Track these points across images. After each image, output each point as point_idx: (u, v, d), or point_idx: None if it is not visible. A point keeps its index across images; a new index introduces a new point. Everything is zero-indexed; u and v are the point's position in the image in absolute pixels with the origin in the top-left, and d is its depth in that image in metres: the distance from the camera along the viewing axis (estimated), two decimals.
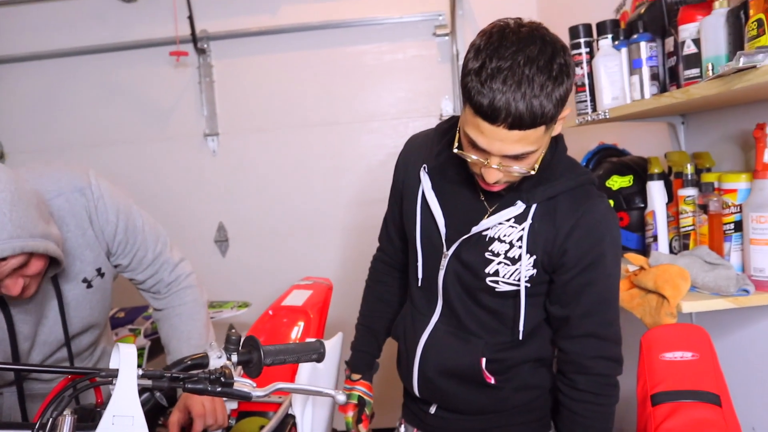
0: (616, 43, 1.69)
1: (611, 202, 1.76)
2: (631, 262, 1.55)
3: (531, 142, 1.12)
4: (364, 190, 3.23)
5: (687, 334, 1.32)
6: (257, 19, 3.23)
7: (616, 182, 1.78)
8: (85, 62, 3.31)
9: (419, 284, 1.44)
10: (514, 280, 1.30)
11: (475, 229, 1.31)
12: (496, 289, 1.32)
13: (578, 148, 2.48)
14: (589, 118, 1.76)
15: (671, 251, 1.62)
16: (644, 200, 1.70)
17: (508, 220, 1.29)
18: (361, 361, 1.60)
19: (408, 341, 1.47)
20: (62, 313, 1.46)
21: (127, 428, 0.98)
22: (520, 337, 1.34)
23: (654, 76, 1.57)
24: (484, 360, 1.35)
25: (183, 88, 3.31)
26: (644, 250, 1.71)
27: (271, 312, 1.95)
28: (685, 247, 1.57)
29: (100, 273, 1.51)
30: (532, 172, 1.18)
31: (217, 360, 1.14)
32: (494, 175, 1.18)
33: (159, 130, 3.34)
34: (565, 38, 1.81)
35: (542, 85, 1.07)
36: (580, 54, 1.80)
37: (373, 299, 1.63)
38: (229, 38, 3.24)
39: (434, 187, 1.37)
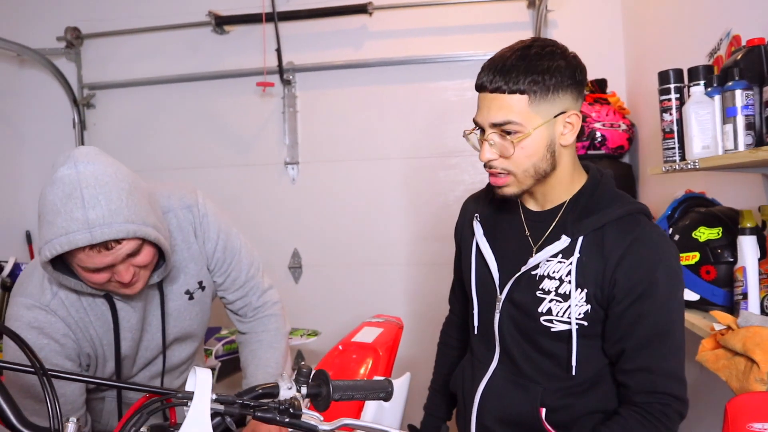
0: (709, 89, 1.63)
1: (697, 254, 1.68)
2: (718, 321, 1.47)
3: (512, 112, 1.20)
4: (439, 225, 3.21)
5: None
6: (342, 52, 3.31)
7: (704, 234, 1.70)
8: (177, 90, 3.49)
9: (476, 332, 1.43)
10: (567, 317, 1.26)
11: (524, 268, 1.30)
12: (552, 329, 1.28)
13: (664, 196, 2.39)
14: (677, 167, 1.70)
15: (763, 311, 1.52)
16: (733, 254, 1.61)
17: (555, 256, 1.28)
18: (430, 423, 1.60)
19: (466, 391, 1.45)
20: (163, 319, 1.53)
21: None
22: (576, 378, 1.29)
23: (749, 126, 1.49)
24: (544, 410, 1.31)
25: (267, 117, 3.42)
26: (731, 307, 1.61)
27: (341, 347, 1.96)
28: None
29: (201, 286, 1.59)
30: (498, 160, 1.25)
31: (287, 391, 1.14)
32: (487, 152, 1.25)
33: (242, 156, 3.46)
34: (655, 83, 1.77)
35: (526, 58, 1.20)
36: (669, 100, 1.74)
37: (443, 362, 1.64)
38: (313, 70, 3.34)
39: (486, 234, 1.40)
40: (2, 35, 3.23)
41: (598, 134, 2.82)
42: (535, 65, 1.19)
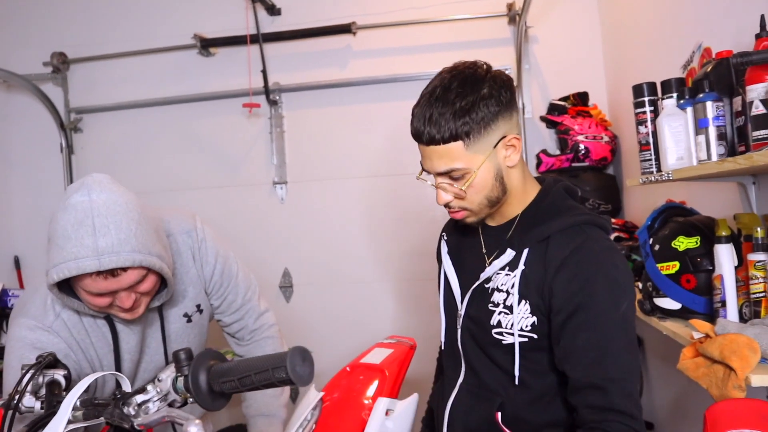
0: (681, 102, 1.66)
1: (677, 264, 1.70)
2: (697, 329, 1.48)
3: (452, 159, 1.21)
4: (428, 241, 3.21)
5: (756, 411, 1.24)
6: (327, 72, 3.35)
7: (683, 243, 1.72)
8: (165, 112, 3.51)
9: (443, 348, 1.46)
10: (514, 330, 1.27)
11: (476, 283, 1.32)
12: (503, 342, 1.29)
13: (647, 205, 2.42)
14: (653, 179, 1.72)
15: (741, 318, 1.54)
16: (712, 263, 1.63)
17: (503, 269, 1.30)
18: None
19: (439, 406, 1.47)
20: (164, 341, 1.56)
21: None
22: (527, 390, 1.29)
23: (721, 136, 1.52)
24: (499, 414, 1.31)
25: (255, 137, 3.45)
26: (712, 314, 1.63)
27: (348, 368, 1.95)
28: (756, 314, 1.49)
29: (199, 309, 1.62)
30: (454, 201, 1.27)
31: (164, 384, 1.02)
32: (441, 197, 1.28)
33: (231, 177, 3.48)
34: (631, 96, 1.80)
35: (450, 102, 1.19)
36: (644, 112, 1.77)
37: (437, 383, 1.64)
38: (299, 90, 3.37)
39: (450, 252, 1.43)
40: None
41: (582, 146, 2.85)
42: (461, 108, 1.19)
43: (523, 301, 1.26)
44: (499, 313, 1.29)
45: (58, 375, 1.16)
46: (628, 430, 1.16)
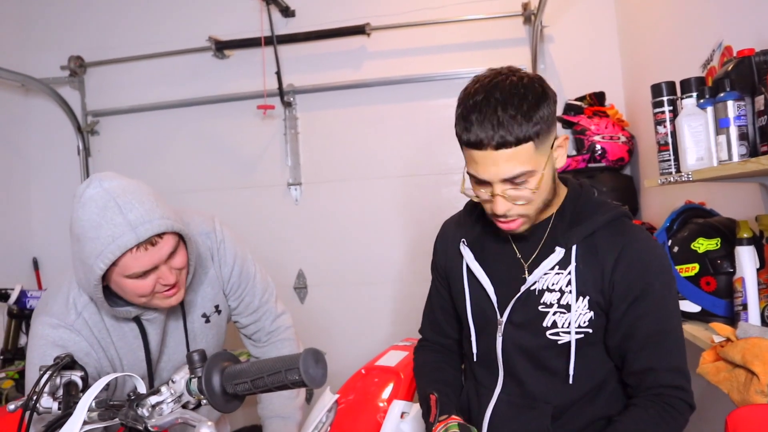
0: (701, 101, 1.63)
1: (696, 266, 1.68)
2: (717, 332, 1.46)
3: (523, 162, 1.16)
4: None
5: None
6: (341, 73, 3.34)
7: (702, 245, 1.70)
8: (180, 114, 3.53)
9: (475, 359, 1.41)
10: (571, 328, 1.27)
11: (524, 287, 1.30)
12: (559, 342, 1.28)
13: (665, 207, 2.39)
14: (672, 179, 1.70)
15: (763, 322, 1.51)
16: (733, 265, 1.60)
17: (552, 269, 1.29)
18: (444, 406, 1.38)
19: (473, 418, 1.42)
20: (187, 339, 1.58)
21: None
22: (579, 387, 1.29)
23: (742, 136, 1.49)
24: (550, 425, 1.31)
25: (269, 139, 3.45)
26: (732, 318, 1.61)
27: (363, 371, 1.95)
28: None
29: (217, 310, 1.64)
30: (534, 193, 1.20)
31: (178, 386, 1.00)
32: (501, 205, 1.21)
33: (246, 178, 3.48)
34: (649, 96, 1.78)
35: (515, 105, 1.15)
36: (662, 112, 1.74)
37: (429, 369, 1.51)
38: (314, 92, 3.36)
39: (477, 258, 1.38)
40: (7, 66, 3.27)
41: (598, 147, 2.82)
42: (529, 107, 1.15)
43: (581, 298, 1.26)
44: (554, 313, 1.28)
45: (75, 376, 1.17)
46: (683, 403, 1.23)
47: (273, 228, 3.43)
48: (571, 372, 1.28)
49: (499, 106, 1.15)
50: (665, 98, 1.74)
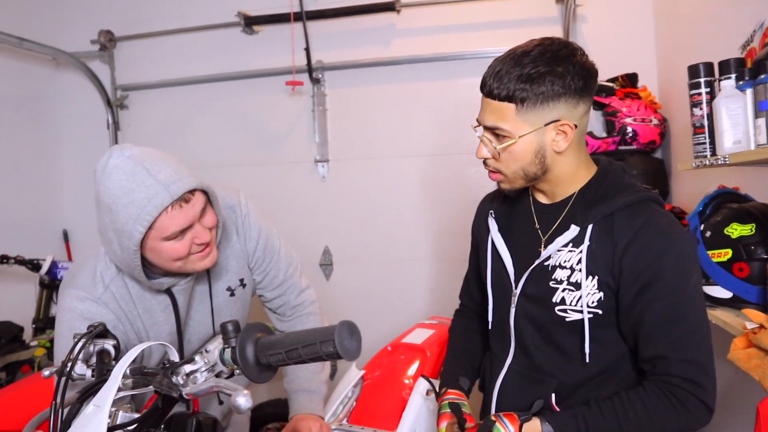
0: (740, 83, 1.59)
1: (729, 251, 1.65)
2: (750, 319, 1.44)
3: (502, 118, 1.23)
4: (470, 222, 3.20)
5: None
6: (370, 50, 3.32)
7: (736, 230, 1.67)
8: (208, 90, 3.54)
9: (491, 328, 1.45)
10: (581, 306, 1.27)
11: (537, 260, 1.31)
12: (567, 319, 1.29)
13: (696, 191, 2.35)
14: (708, 162, 1.66)
15: None
16: (767, 251, 1.58)
17: (566, 246, 1.29)
18: (447, 378, 1.54)
19: (486, 387, 1.48)
20: (212, 310, 1.60)
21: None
22: (590, 368, 1.29)
23: None
24: (553, 396, 1.31)
25: (297, 115, 3.45)
26: (765, 305, 1.58)
27: (390, 348, 1.96)
28: None
29: (242, 283, 1.65)
30: (491, 160, 1.29)
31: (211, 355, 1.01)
32: (479, 149, 1.30)
33: (273, 155, 3.50)
34: (684, 76, 1.74)
35: (521, 65, 1.20)
36: (699, 94, 1.71)
37: (456, 334, 1.66)
38: (342, 69, 3.35)
39: (501, 229, 1.42)
40: (38, 39, 3.31)
41: (629, 129, 2.78)
42: (527, 73, 1.20)
43: (590, 277, 1.26)
44: (563, 290, 1.29)
45: (108, 344, 1.19)
46: (695, 399, 1.19)
47: (299, 205, 3.45)
48: (587, 351, 1.28)
49: (509, 61, 1.22)
50: (702, 80, 1.71)
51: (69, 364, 1.09)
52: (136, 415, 1.02)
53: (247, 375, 0.95)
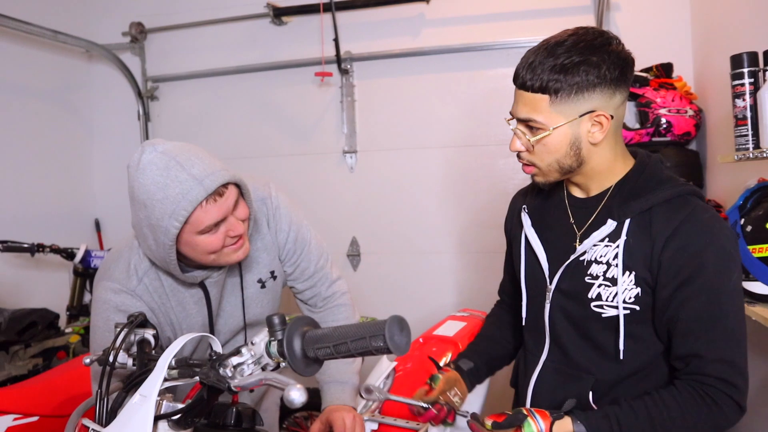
0: None
1: None
2: None
3: (534, 110, 1.21)
4: (498, 214, 3.17)
5: None
6: (399, 41, 3.30)
7: None
8: (238, 81, 3.56)
9: (524, 324, 1.44)
10: (617, 302, 1.25)
11: (573, 256, 1.30)
12: (603, 315, 1.27)
13: (733, 185, 2.30)
14: (751, 155, 1.63)
15: None
16: None
17: (602, 240, 1.27)
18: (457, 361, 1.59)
19: (520, 384, 1.47)
20: (243, 303, 1.62)
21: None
22: (625, 364, 1.27)
23: None
24: (591, 393, 1.30)
25: (325, 106, 3.45)
26: None
27: (421, 340, 1.97)
28: None
29: (273, 275, 1.66)
30: (524, 152, 1.28)
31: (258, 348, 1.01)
32: (513, 142, 1.28)
33: (301, 145, 3.51)
34: (726, 67, 1.70)
35: (555, 56, 1.18)
36: (742, 85, 1.67)
37: (481, 331, 1.68)
38: (371, 59, 3.34)
39: (534, 225, 1.41)
40: (72, 32, 3.35)
41: (664, 120, 2.73)
42: (561, 63, 1.18)
43: (627, 272, 1.24)
44: (599, 285, 1.27)
45: (148, 334, 1.20)
46: (728, 399, 1.17)
47: (327, 195, 3.46)
48: (622, 347, 1.26)
49: (542, 52, 1.20)
50: (746, 70, 1.67)
51: (112, 353, 1.11)
52: (180, 405, 1.03)
53: (294, 368, 0.96)
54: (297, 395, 0.88)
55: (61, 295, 3.21)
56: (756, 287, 1.65)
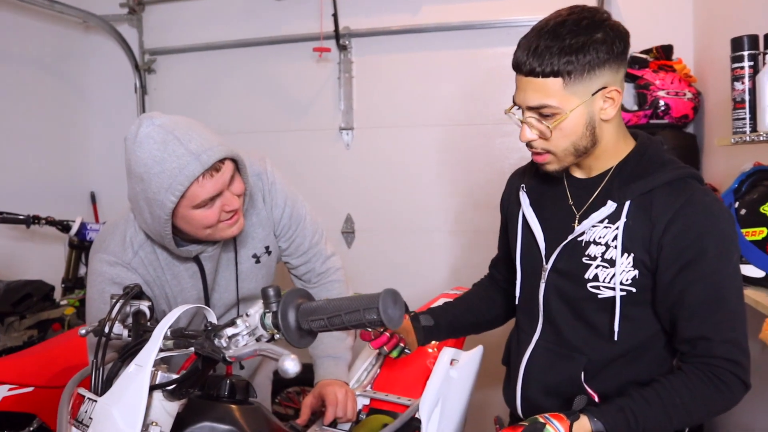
0: None
1: (764, 230, 1.63)
2: None
3: (547, 95, 1.19)
4: (494, 193, 3.18)
5: None
6: (398, 17, 3.27)
7: None
8: (235, 55, 3.53)
9: (518, 303, 1.45)
10: (614, 283, 1.25)
11: (570, 236, 1.30)
12: (599, 296, 1.28)
13: (730, 168, 2.31)
14: (747, 138, 1.63)
15: None
16: None
17: (601, 222, 1.27)
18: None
19: (512, 362, 1.48)
20: (237, 277, 1.63)
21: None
22: (619, 345, 1.28)
23: None
24: (583, 373, 1.31)
25: (323, 82, 3.43)
26: None
27: None
28: None
29: (267, 251, 1.67)
30: (537, 141, 1.25)
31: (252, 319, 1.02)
32: (525, 133, 1.26)
33: (298, 121, 3.49)
34: (726, 50, 1.70)
35: (560, 38, 1.16)
36: (742, 68, 1.67)
37: (459, 299, 1.70)
38: (370, 36, 3.31)
39: (532, 204, 1.40)
40: (68, 2, 3.31)
41: (662, 103, 2.73)
42: (569, 45, 1.16)
43: (626, 254, 1.24)
44: (597, 266, 1.27)
45: (144, 306, 1.21)
46: (735, 378, 1.19)
47: (323, 172, 3.45)
48: (617, 329, 1.27)
49: (545, 35, 1.18)
50: (746, 53, 1.67)
51: (108, 324, 1.11)
52: (175, 376, 1.04)
53: (288, 339, 0.97)
54: (291, 365, 0.89)
55: (56, 268, 3.20)
56: (748, 270, 1.67)
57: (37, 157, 3.41)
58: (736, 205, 1.73)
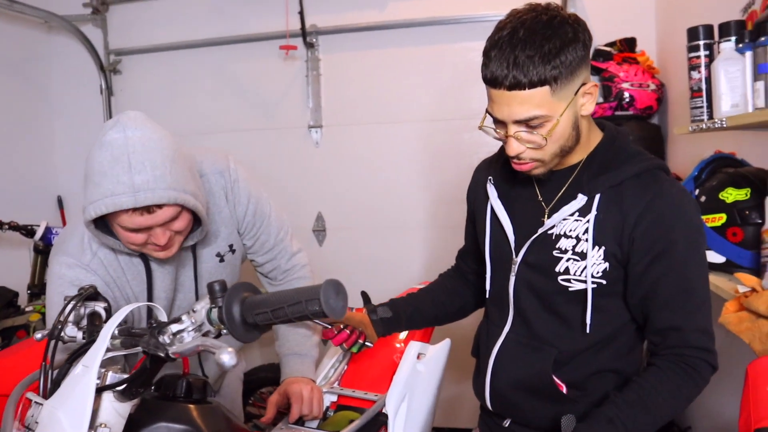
0: (740, 45, 1.57)
1: (724, 216, 1.65)
2: (743, 283, 1.44)
3: (536, 105, 1.14)
4: (463, 187, 3.18)
5: None
6: (365, 14, 3.27)
7: (731, 195, 1.66)
8: (202, 54, 3.50)
9: (488, 296, 1.44)
10: (585, 276, 1.25)
11: (541, 229, 1.29)
12: (570, 289, 1.27)
13: (693, 156, 2.33)
14: (705, 126, 1.65)
15: None
16: (762, 216, 1.57)
17: (572, 215, 1.26)
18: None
19: (482, 355, 1.46)
20: (196, 280, 1.59)
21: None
22: (589, 337, 1.28)
23: None
24: (552, 365, 1.31)
25: (291, 80, 3.41)
26: (758, 270, 1.58)
27: None
28: None
29: (231, 249, 1.64)
30: (546, 139, 1.18)
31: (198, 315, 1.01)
32: (513, 147, 1.20)
33: (267, 120, 3.47)
34: (683, 40, 1.71)
35: (536, 45, 1.11)
36: (698, 57, 1.69)
37: (422, 291, 1.69)
38: (337, 33, 3.30)
39: (501, 197, 1.38)
40: (30, 2, 3.25)
41: (626, 94, 2.75)
42: (549, 50, 1.12)
43: (597, 247, 1.24)
44: (568, 259, 1.27)
45: (99, 307, 1.18)
46: (706, 364, 1.21)
47: (292, 170, 3.43)
48: (588, 321, 1.27)
49: (519, 44, 1.12)
50: (702, 42, 1.68)
51: (59, 326, 1.09)
52: (125, 376, 1.02)
53: (233, 334, 0.95)
54: (227, 358, 0.88)
55: (21, 274, 3.14)
56: (709, 256, 1.67)
57: (0, 160, 3.34)
58: (696, 192, 1.75)
